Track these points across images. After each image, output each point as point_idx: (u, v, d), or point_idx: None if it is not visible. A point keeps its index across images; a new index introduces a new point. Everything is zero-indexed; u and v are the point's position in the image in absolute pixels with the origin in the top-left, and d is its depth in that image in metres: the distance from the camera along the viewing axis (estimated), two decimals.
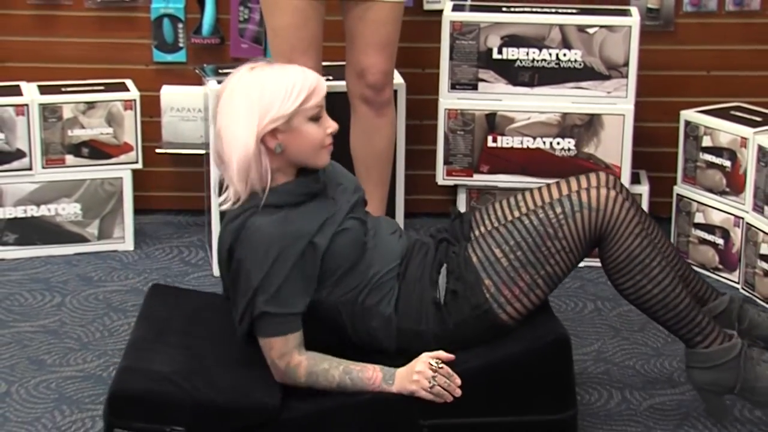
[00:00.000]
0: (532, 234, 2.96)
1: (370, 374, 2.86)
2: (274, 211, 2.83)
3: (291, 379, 2.87)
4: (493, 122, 3.98)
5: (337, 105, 3.76)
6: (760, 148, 3.81)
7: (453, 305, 2.94)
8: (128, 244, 4.15)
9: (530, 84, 3.97)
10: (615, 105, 3.94)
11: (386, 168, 3.79)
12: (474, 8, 4.03)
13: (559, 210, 2.98)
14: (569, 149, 3.98)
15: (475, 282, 2.93)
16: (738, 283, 3.93)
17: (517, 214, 3.06)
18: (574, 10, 3.98)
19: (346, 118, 3.74)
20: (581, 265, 3.16)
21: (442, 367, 2.85)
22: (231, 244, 2.85)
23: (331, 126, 2.90)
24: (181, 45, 4.25)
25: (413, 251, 3.01)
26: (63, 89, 4.10)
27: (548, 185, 3.11)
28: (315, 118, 2.86)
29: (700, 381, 3.10)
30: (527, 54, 3.95)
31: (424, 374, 2.84)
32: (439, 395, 2.85)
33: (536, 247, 2.96)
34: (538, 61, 3.95)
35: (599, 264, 3.10)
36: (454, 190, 4.12)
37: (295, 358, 2.85)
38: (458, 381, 2.86)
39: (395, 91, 3.89)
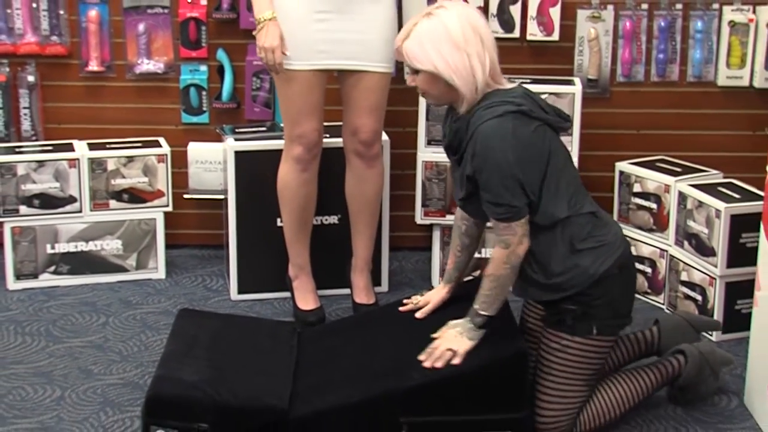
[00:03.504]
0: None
1: None
2: None
3: None
4: None
5: (333, 158, 3.77)
6: (680, 194, 3.83)
7: None
8: (161, 274, 4.14)
9: None
10: None
11: (375, 211, 3.78)
12: None
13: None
14: None
15: None
16: (663, 304, 3.94)
17: None
18: (528, 80, 3.98)
19: (342, 168, 3.76)
20: None
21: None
22: None
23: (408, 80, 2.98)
24: (204, 109, 4.24)
25: None
26: (108, 146, 4.09)
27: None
28: None
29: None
30: None
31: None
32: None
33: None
34: None
35: None
36: (430, 228, 4.13)
37: None
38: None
39: (382, 147, 3.93)
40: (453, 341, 2.95)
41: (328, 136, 3.78)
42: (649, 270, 4.00)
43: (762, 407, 3.20)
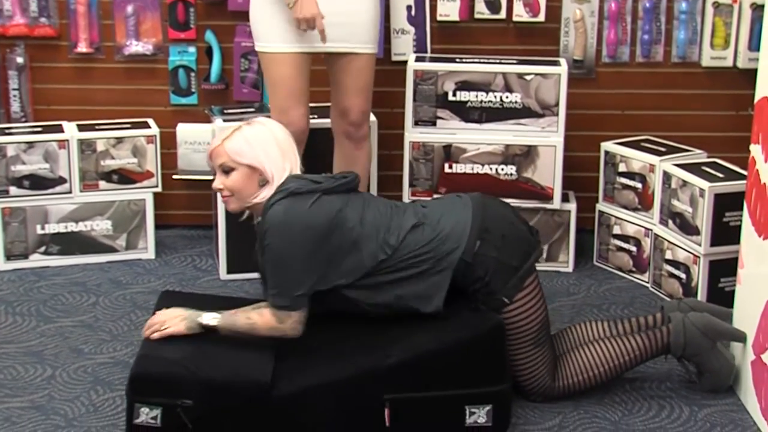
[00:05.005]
0: None
1: None
2: None
3: None
4: (449, 152, 4.00)
5: (320, 139, 3.77)
6: (665, 173, 3.84)
7: None
8: (150, 254, 4.15)
9: (479, 121, 3.98)
10: (548, 138, 3.95)
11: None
12: (433, 59, 4.06)
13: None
14: (511, 174, 3.99)
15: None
16: (648, 282, 3.96)
17: None
18: (514, 61, 4.00)
19: (329, 149, 3.75)
20: None
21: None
22: None
23: (215, 183, 3.03)
24: (193, 90, 4.24)
25: None
26: (97, 127, 4.09)
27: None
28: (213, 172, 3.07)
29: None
30: (476, 96, 3.96)
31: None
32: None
33: None
34: (485, 102, 3.96)
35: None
36: None
37: None
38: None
39: (369, 127, 3.93)
40: (171, 319, 2.99)
41: (315, 116, 3.77)
42: (633, 249, 4.01)
43: (745, 383, 3.21)
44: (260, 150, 3.00)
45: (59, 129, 4.06)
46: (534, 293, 3.07)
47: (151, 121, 4.17)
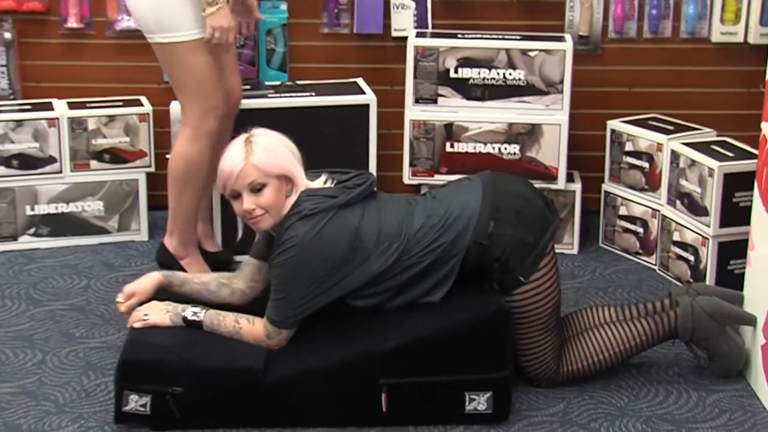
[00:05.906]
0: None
1: None
2: None
3: None
4: (451, 131, 3.99)
5: None
6: (673, 152, 3.83)
7: None
8: (143, 235, 4.14)
9: (481, 98, 3.97)
10: (552, 116, 3.94)
11: None
12: (434, 35, 4.04)
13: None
14: (514, 153, 3.99)
15: None
16: (655, 265, 3.95)
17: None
18: (517, 37, 3.99)
19: None
20: None
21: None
22: None
23: (241, 209, 2.96)
24: None
25: None
26: (88, 105, 4.08)
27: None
28: (233, 197, 2.97)
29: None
30: (479, 73, 3.95)
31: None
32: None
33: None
34: (488, 79, 3.95)
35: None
36: (418, 188, 4.12)
37: None
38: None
39: (368, 105, 3.90)
40: (154, 312, 3.01)
41: None
42: (640, 230, 4.00)
43: (755, 368, 3.20)
44: (284, 157, 2.95)
45: (49, 107, 4.05)
46: (549, 275, 3.05)
47: (143, 99, 4.16)
